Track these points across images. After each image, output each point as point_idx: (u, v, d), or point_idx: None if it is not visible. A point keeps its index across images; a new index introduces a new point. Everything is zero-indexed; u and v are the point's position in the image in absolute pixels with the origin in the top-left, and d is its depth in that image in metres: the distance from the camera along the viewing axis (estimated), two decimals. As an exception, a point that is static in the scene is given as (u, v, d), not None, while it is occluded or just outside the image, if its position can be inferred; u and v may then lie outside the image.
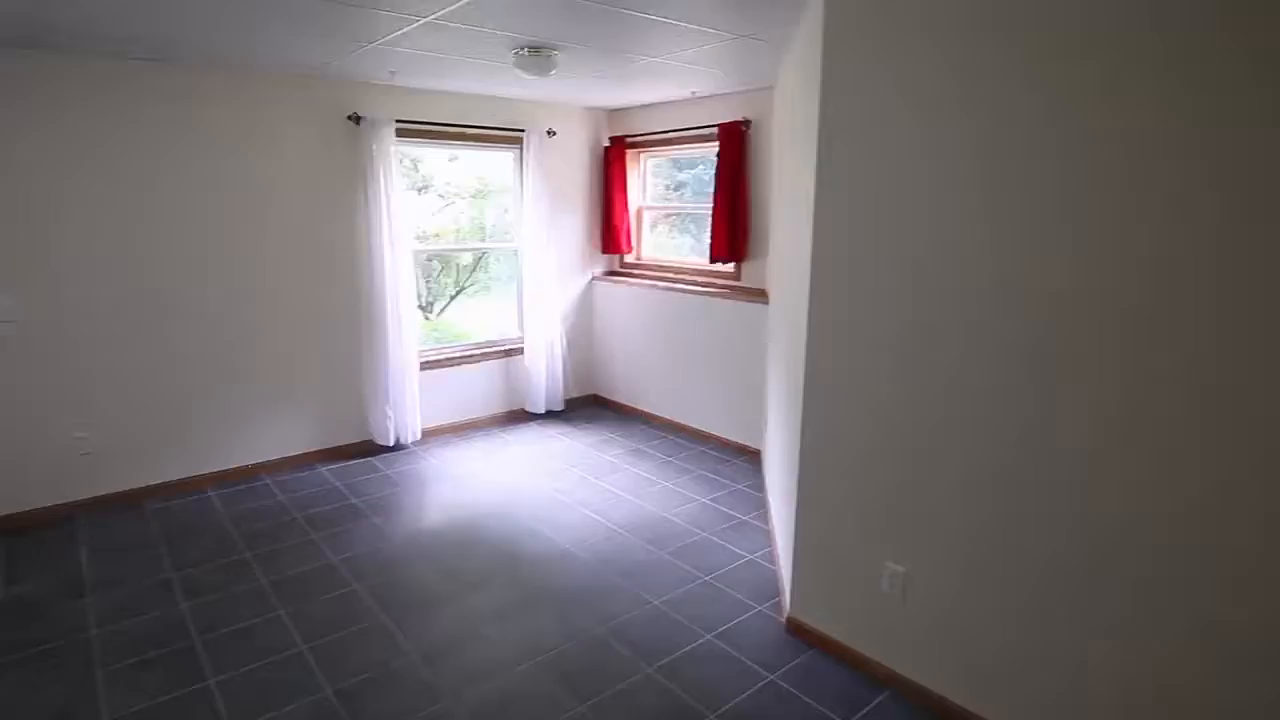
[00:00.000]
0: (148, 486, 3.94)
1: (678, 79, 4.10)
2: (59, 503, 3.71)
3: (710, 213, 4.59)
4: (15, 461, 3.57)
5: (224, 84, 3.86)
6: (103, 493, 3.82)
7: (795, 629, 2.73)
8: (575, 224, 5.42)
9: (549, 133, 5.03)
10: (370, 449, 4.62)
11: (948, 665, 2.27)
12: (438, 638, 2.73)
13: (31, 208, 3.45)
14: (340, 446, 4.56)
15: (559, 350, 5.32)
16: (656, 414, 5.25)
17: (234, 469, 4.20)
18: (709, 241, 4.63)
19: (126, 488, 3.89)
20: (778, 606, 2.92)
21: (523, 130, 4.93)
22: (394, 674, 2.52)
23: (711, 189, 4.57)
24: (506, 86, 4.43)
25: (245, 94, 3.93)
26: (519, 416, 5.33)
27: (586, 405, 5.66)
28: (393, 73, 4.00)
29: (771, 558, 3.29)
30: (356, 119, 4.26)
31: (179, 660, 2.58)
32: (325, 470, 4.34)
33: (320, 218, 4.28)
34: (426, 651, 2.64)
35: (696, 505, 3.87)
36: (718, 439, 4.82)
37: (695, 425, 4.98)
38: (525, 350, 5.24)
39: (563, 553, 3.37)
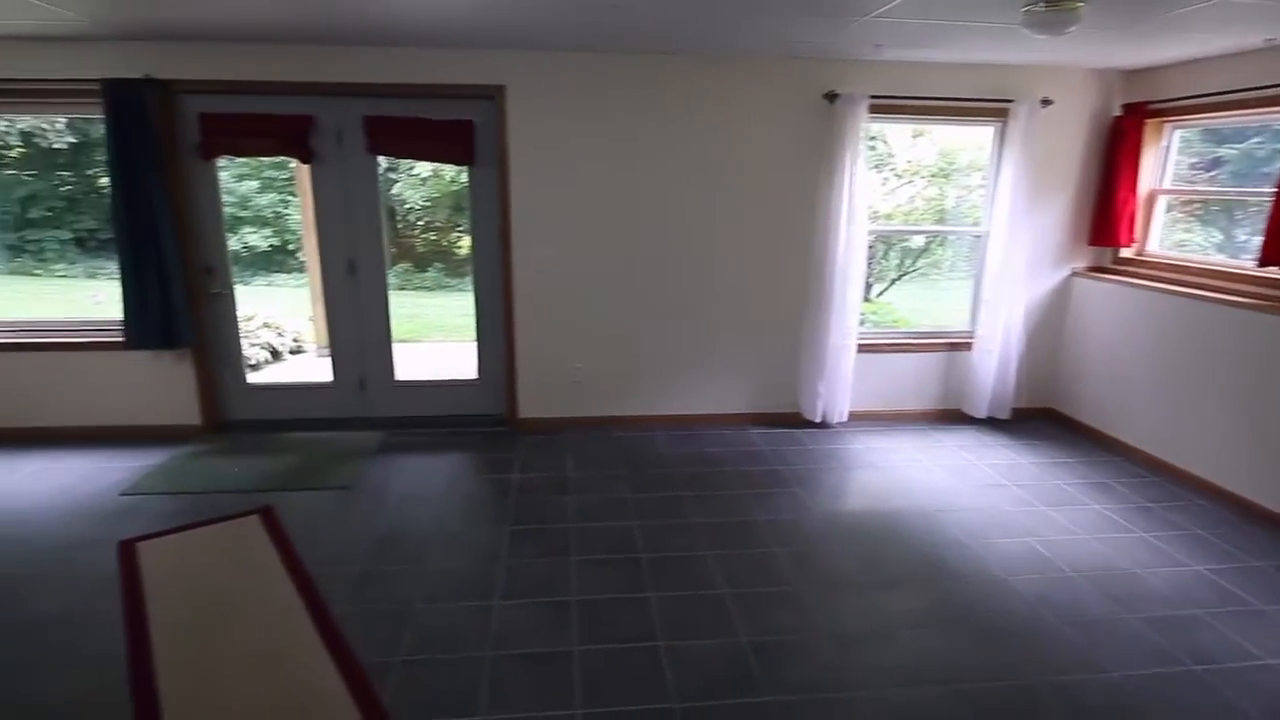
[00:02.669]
0: (614, 416, 4.68)
1: (1246, 21, 3.15)
2: (556, 416, 4.64)
3: (1272, 201, 3.47)
4: (539, 379, 4.57)
5: (707, 71, 4.23)
6: (584, 415, 4.66)
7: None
8: (1059, 208, 4.67)
9: (1043, 102, 4.39)
10: (797, 421, 4.74)
11: None
12: (849, 624, 2.66)
13: (565, 179, 4.30)
14: (769, 414, 4.77)
15: (1015, 351, 4.69)
16: (1136, 446, 4.29)
17: (677, 415, 4.72)
18: (1261, 239, 3.52)
19: (600, 414, 4.67)
20: (1314, 740, 2.13)
21: (1010, 101, 4.38)
22: (803, 645, 2.53)
23: None
24: (999, 51, 3.97)
25: (726, 79, 4.25)
26: (954, 417, 4.89)
27: (1038, 419, 4.91)
28: (878, 46, 3.90)
29: (1308, 671, 2.42)
30: (831, 97, 4.28)
31: (628, 568, 3.00)
32: (754, 433, 4.59)
33: (783, 195, 4.46)
34: (837, 633, 2.60)
35: (1186, 572, 3.05)
36: (1228, 494, 3.72)
37: (1195, 471, 3.92)
38: (974, 346, 4.75)
39: (993, 578, 2.98)
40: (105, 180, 4.05)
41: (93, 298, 8.42)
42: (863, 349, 4.67)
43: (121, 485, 3.73)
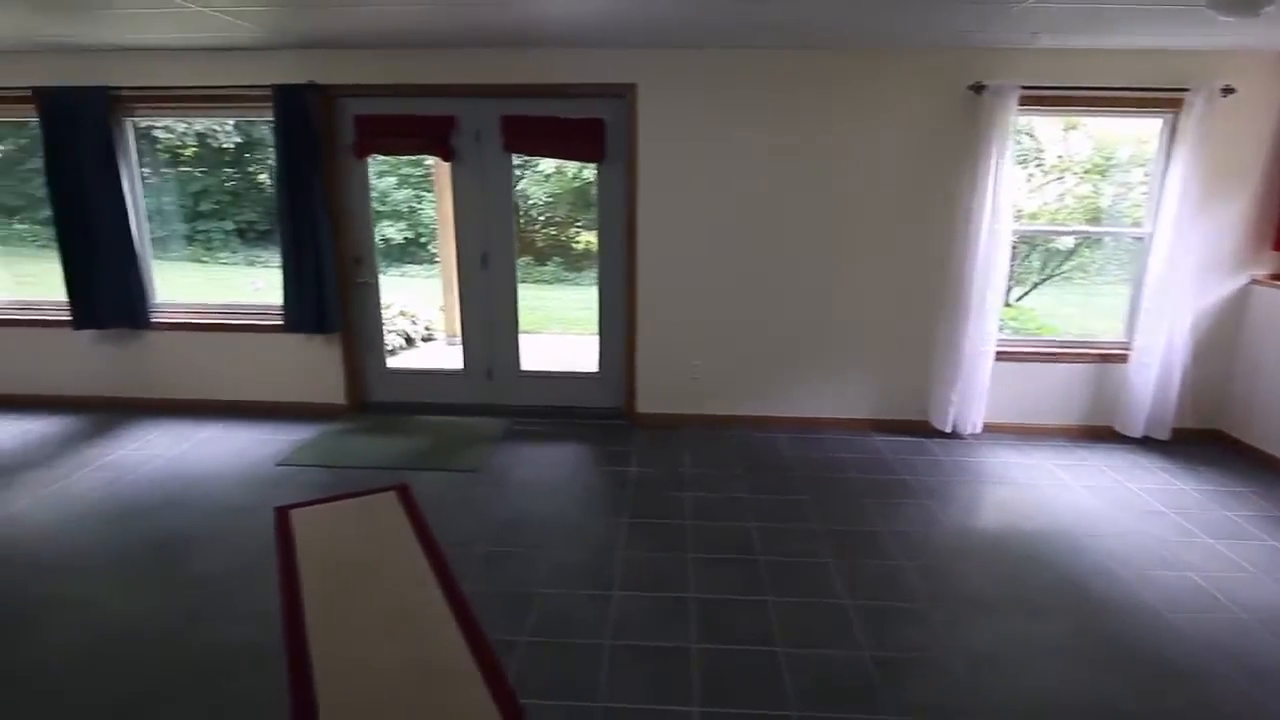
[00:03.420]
0: (732, 415, 4.64)
1: None
2: (674, 412, 4.65)
3: None
4: (658, 375, 4.61)
5: (841, 64, 4.09)
6: (701, 412, 4.65)
7: None
8: (1237, 209, 4.20)
9: (1223, 91, 3.95)
10: (925, 430, 4.52)
11: None
12: (981, 646, 2.51)
13: (692, 176, 4.29)
14: (895, 420, 4.58)
15: (1179, 366, 4.25)
16: (1323, 477, 3.80)
17: (797, 417, 4.61)
18: None
19: (717, 413, 4.64)
20: None
21: (1184, 90, 3.97)
22: (931, 663, 2.41)
23: None
24: (1175, 36, 3.62)
25: (861, 72, 4.10)
26: (1103, 434, 4.50)
27: (1203, 441, 4.44)
28: (1034, 34, 3.64)
29: None
30: (978, 88, 4.04)
31: (746, 569, 2.97)
32: (879, 440, 4.42)
33: (919, 192, 4.26)
34: (969, 656, 2.46)
35: (1390, 623, 2.67)
36: None
37: (1398, 508, 3.43)
38: (1131, 358, 4.36)
39: (1150, 612, 2.72)
40: (264, 177, 4.42)
41: (253, 284, 9.25)
42: (1001, 357, 4.39)
43: (277, 456, 4.07)
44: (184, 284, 8.90)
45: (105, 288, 4.58)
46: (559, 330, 8.53)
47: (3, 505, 3.46)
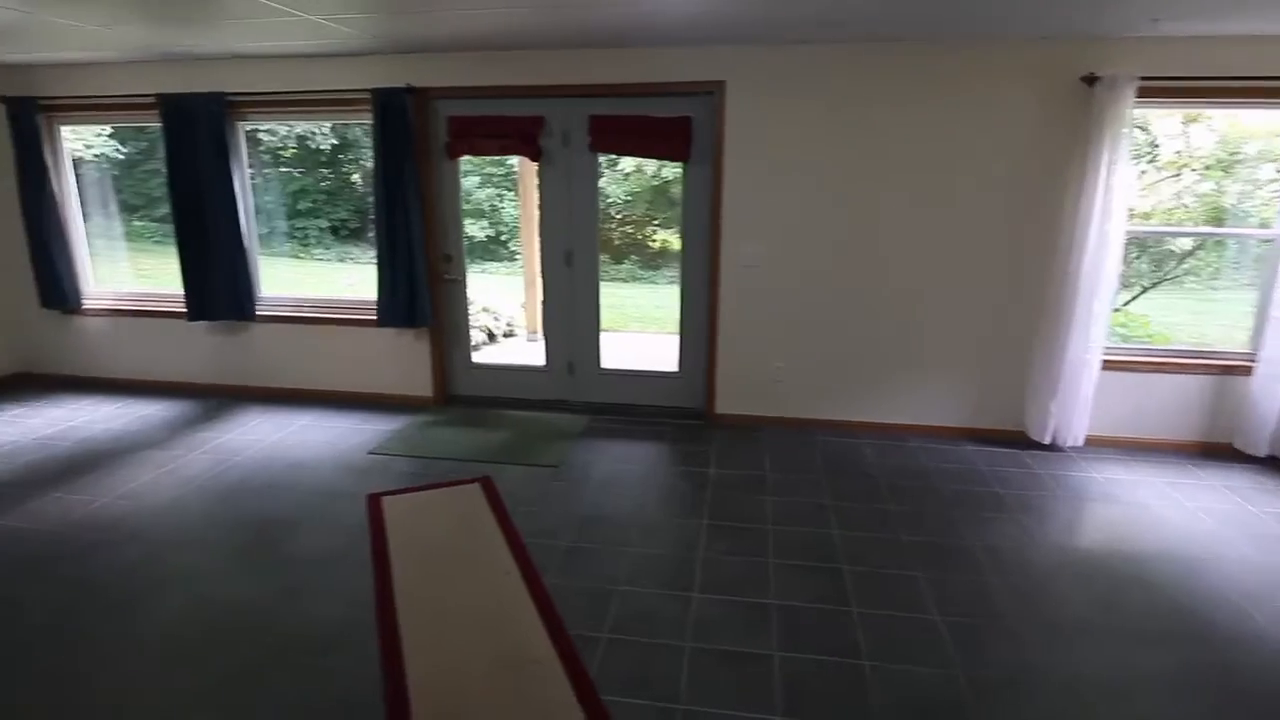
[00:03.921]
0: (814, 419, 4.54)
1: None
2: (754, 414, 4.59)
3: None
4: (739, 376, 4.56)
5: (937, 58, 3.93)
6: (781, 415, 4.57)
7: None
8: (1387, 209, 3.81)
9: (1374, 80, 3.60)
10: (1020, 441, 4.30)
11: None
12: (1082, 674, 2.36)
13: (778, 175, 4.21)
14: (987, 430, 4.38)
15: (1311, 380, 3.91)
16: None
17: (883, 423, 4.48)
18: None
19: (799, 415, 4.55)
20: None
21: (1327, 79, 3.64)
22: (1027, 687, 2.29)
23: None
24: (1321, 19, 3.31)
25: (958, 66, 3.93)
26: (1221, 452, 4.18)
27: (1337, 463, 4.07)
28: (1155, 20, 3.40)
29: None
30: (1090, 80, 3.81)
31: (830, 578, 2.89)
32: (969, 449, 4.24)
33: (1019, 190, 4.05)
34: (1066, 681, 2.32)
35: None
36: None
37: None
38: (1256, 370, 4.02)
39: (1274, 648, 2.50)
40: (356, 177, 4.61)
41: (345, 281, 9.68)
42: (1108, 365, 4.13)
43: (369, 445, 4.24)
44: (283, 279, 9.40)
45: (217, 282, 4.88)
46: (636, 328, 8.57)
47: (124, 483, 3.73)
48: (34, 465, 3.95)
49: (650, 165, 10.35)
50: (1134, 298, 6.02)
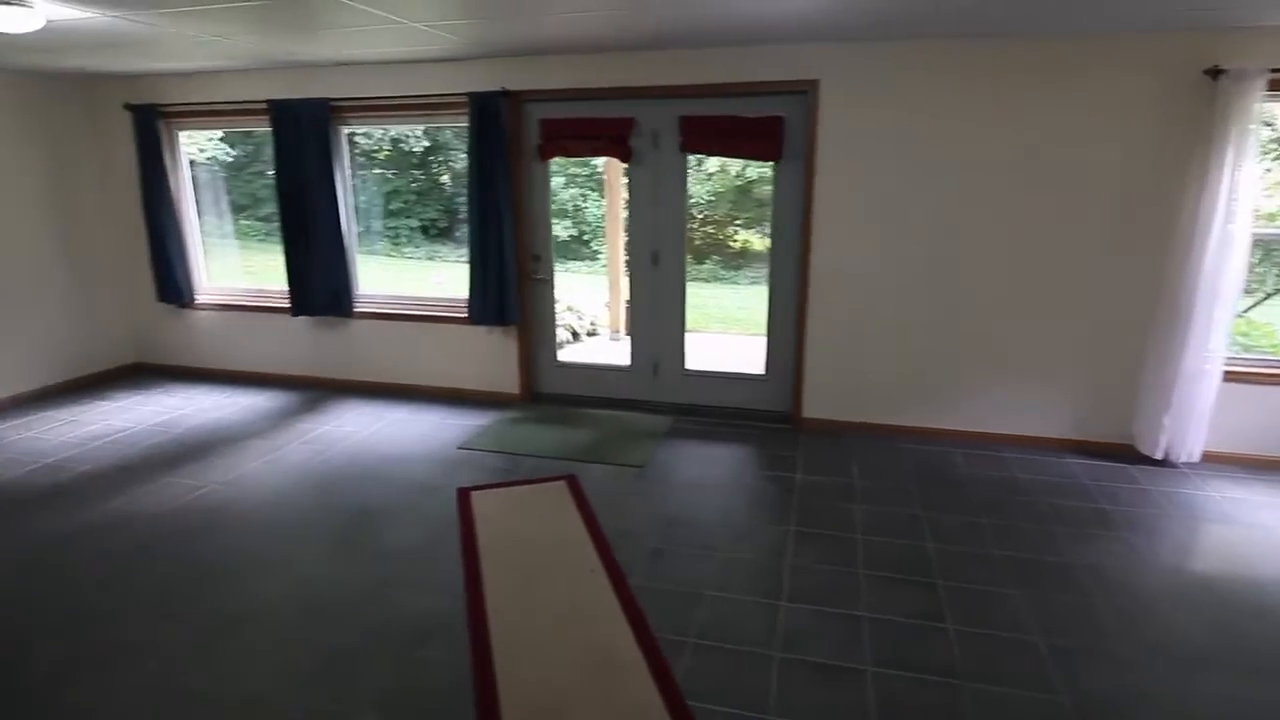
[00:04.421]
0: (903, 426, 4.41)
1: None
2: (842, 419, 4.50)
3: None
4: (827, 380, 4.48)
5: (1043, 53, 3.73)
6: (870, 420, 4.45)
7: None
8: None
9: None
10: (1130, 455, 4.05)
11: None
12: (1197, 708, 2.21)
13: (871, 175, 4.10)
14: (1092, 442, 4.15)
15: None
16: None
17: (976, 432, 4.30)
18: None
19: (888, 422, 4.43)
20: None
21: None
22: (1135, 717, 2.16)
23: None
24: None
25: (1066, 60, 3.72)
26: (1358, 474, 3.84)
27: None
28: (1295, 6, 3.14)
29: None
30: (1214, 73, 3.55)
31: (923, 592, 2.80)
32: (1072, 462, 4.02)
33: (1130, 190, 3.82)
34: (1180, 716, 2.18)
35: None
36: None
37: None
38: (1402, 387, 3.67)
39: None
40: (446, 178, 4.75)
41: (434, 279, 10.01)
42: (1229, 377, 3.85)
43: (458, 440, 4.37)
44: (375, 277, 9.81)
45: (319, 279, 5.13)
46: (718, 329, 8.52)
47: (231, 468, 3.97)
48: (148, 450, 4.25)
49: (734, 164, 10.26)
50: (1256, 304, 5.58)
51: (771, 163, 4.31)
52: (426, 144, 10.78)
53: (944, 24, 3.56)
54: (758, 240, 11.16)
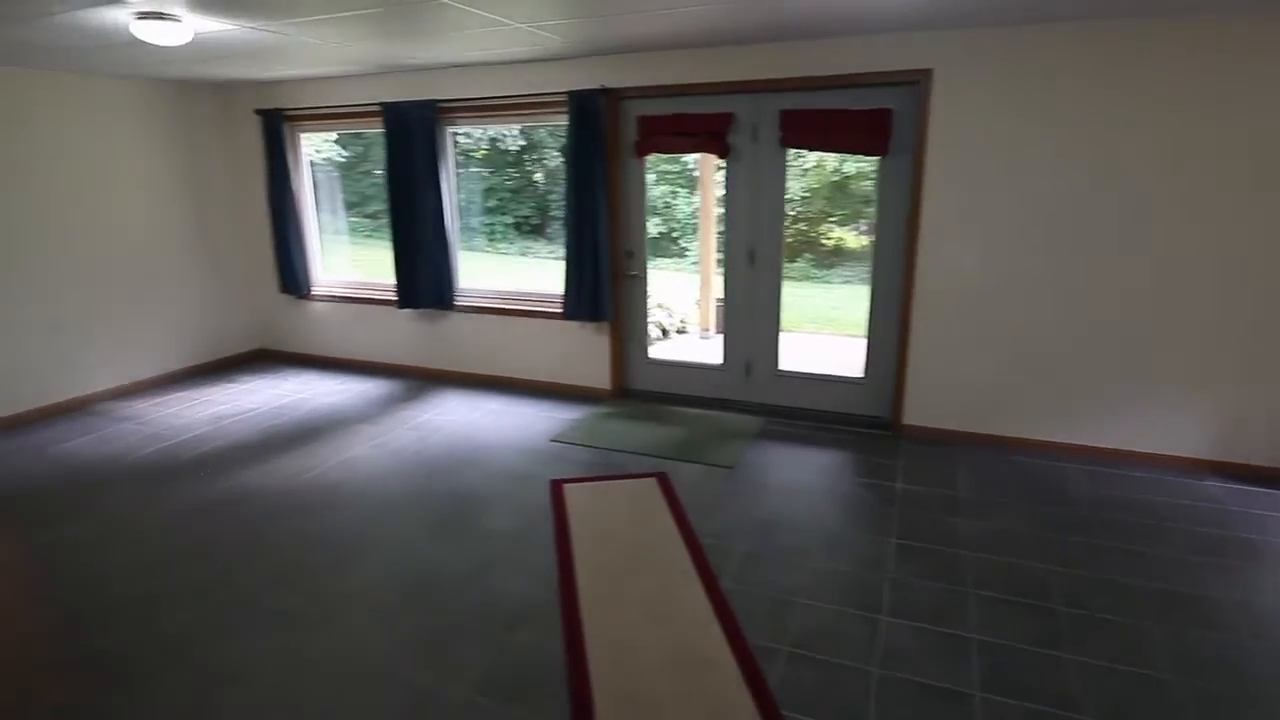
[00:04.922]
0: (1013, 437, 4.13)
1: None
2: (946, 427, 4.27)
3: None
4: (931, 385, 4.27)
5: (1184, 38, 3.38)
6: (978, 430, 4.20)
7: None
8: None
9: None
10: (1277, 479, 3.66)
11: None
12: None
13: (988, 170, 3.86)
14: (1238, 464, 3.75)
15: None
16: None
17: (1096, 447, 3.98)
18: None
19: (996, 432, 4.17)
20: None
21: None
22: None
23: None
24: None
25: (1221, 38, 3.35)
26: None
27: None
28: None
29: None
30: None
31: (1039, 617, 2.60)
32: (1214, 486, 3.65)
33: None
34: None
35: None
36: None
37: None
38: None
39: None
40: (539, 176, 4.81)
41: (527, 275, 10.22)
42: (1406, 397, 3.40)
43: (551, 432, 4.43)
44: (474, 271, 10.11)
45: (424, 273, 5.31)
46: (810, 329, 8.31)
47: (344, 450, 4.17)
48: (268, 431, 4.53)
49: (831, 160, 9.97)
50: None
51: (877, 158, 4.14)
52: (522, 143, 11.02)
53: (1075, 3, 3.30)
54: (852, 238, 10.80)
